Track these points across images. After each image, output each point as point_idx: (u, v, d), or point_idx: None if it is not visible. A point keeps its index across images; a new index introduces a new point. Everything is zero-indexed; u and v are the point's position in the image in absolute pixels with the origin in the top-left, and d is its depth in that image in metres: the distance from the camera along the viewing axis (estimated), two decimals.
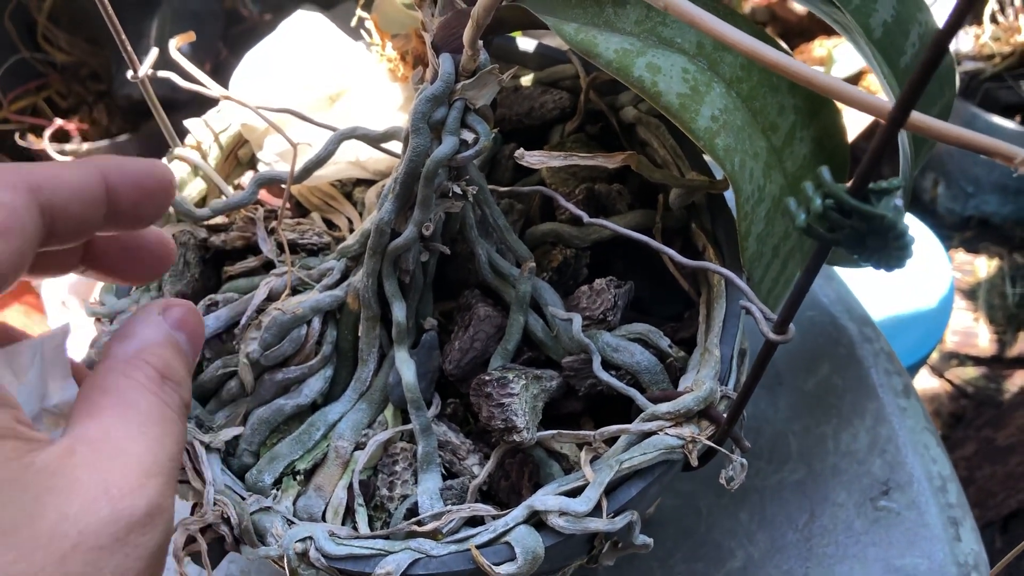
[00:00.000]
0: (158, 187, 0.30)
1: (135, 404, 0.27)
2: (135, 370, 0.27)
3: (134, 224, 0.31)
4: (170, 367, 0.28)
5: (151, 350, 0.28)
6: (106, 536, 0.23)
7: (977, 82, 1.34)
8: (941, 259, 1.08)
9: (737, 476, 0.40)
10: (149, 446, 0.26)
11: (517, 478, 0.43)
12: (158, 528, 0.24)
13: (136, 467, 0.25)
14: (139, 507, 0.24)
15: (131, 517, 0.23)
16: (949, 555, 0.55)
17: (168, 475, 0.26)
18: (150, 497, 0.24)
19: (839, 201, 0.26)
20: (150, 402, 0.27)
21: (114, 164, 0.29)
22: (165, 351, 0.29)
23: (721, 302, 0.43)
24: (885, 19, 0.44)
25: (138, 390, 0.27)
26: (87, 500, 0.23)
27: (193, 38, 0.52)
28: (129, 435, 0.25)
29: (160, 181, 0.31)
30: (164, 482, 0.25)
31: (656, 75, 0.39)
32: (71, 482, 0.23)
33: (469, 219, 0.44)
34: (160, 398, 0.27)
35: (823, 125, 0.46)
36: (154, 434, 0.26)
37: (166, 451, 0.26)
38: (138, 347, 0.28)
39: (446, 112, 0.40)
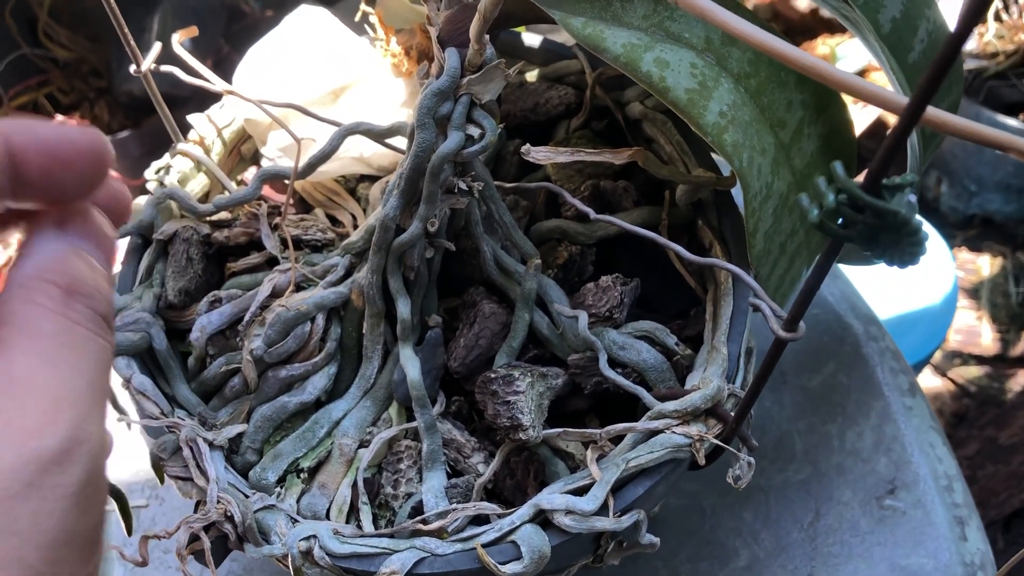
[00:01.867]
0: (78, 155, 0.26)
1: (39, 330, 0.24)
2: (35, 292, 0.24)
3: (56, 195, 0.26)
4: (76, 280, 0.25)
5: (51, 267, 0.25)
6: (16, 482, 0.21)
7: (981, 80, 1.33)
8: (945, 258, 1.08)
9: (744, 475, 0.40)
10: (60, 375, 0.23)
11: (523, 476, 0.42)
12: (77, 463, 0.22)
13: (43, 401, 0.23)
14: (49, 446, 0.22)
15: (41, 457, 0.22)
16: (955, 554, 0.55)
17: (87, 402, 0.23)
18: (62, 432, 0.22)
19: (853, 197, 0.25)
20: (57, 324, 0.24)
21: (22, 127, 0.26)
22: (67, 264, 0.26)
23: (728, 299, 0.43)
24: (894, 15, 0.43)
25: (41, 314, 0.24)
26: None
27: (196, 33, 0.52)
28: (34, 366, 0.23)
29: (80, 149, 0.26)
30: (81, 412, 0.23)
31: (664, 70, 0.38)
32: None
33: (474, 215, 0.44)
34: (68, 317, 0.24)
35: (830, 121, 0.46)
36: (66, 360, 0.24)
37: (83, 376, 0.24)
38: (36, 266, 0.25)
39: (452, 107, 0.39)
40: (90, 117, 1.33)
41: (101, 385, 0.24)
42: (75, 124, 0.27)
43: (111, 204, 0.29)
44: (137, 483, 0.64)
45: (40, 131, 0.25)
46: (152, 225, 0.47)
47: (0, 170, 0.25)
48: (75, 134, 0.26)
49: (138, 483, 0.64)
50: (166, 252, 0.47)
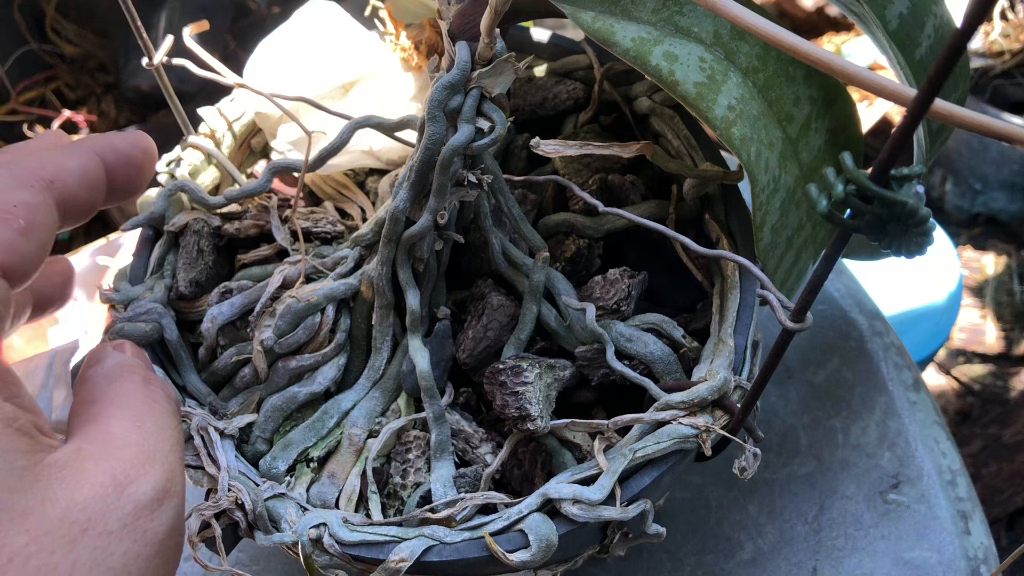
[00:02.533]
0: (145, 158, 0.33)
1: (127, 403, 0.28)
2: (119, 379, 0.29)
3: (126, 195, 0.33)
4: (150, 374, 0.30)
5: (127, 364, 0.31)
6: (114, 521, 0.23)
7: (987, 79, 1.33)
8: (950, 256, 1.08)
9: (750, 466, 0.40)
10: (146, 437, 0.26)
11: (530, 467, 0.43)
12: (167, 513, 0.25)
13: (139, 455, 0.25)
14: (145, 492, 0.24)
15: (138, 502, 0.24)
16: (959, 548, 0.55)
17: (171, 462, 0.26)
18: (155, 481, 0.25)
19: (861, 187, 0.26)
20: (140, 399, 0.28)
21: (106, 143, 0.31)
22: (140, 365, 0.31)
23: (735, 292, 0.43)
24: (901, 11, 0.44)
25: (128, 390, 0.28)
26: (95, 487, 0.24)
27: (207, 27, 0.52)
28: (127, 430, 0.26)
29: (146, 151, 0.33)
30: (168, 468, 0.26)
31: (673, 64, 0.39)
32: (79, 472, 0.24)
33: (483, 208, 0.44)
34: (148, 396, 0.29)
35: (838, 116, 0.46)
36: (150, 426, 0.27)
37: (165, 440, 0.27)
38: (114, 363, 0.31)
39: (462, 100, 0.40)
40: (97, 112, 1.33)
41: (180, 452, 0.28)
42: (129, 135, 0.33)
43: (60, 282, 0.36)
44: None
45: (117, 143, 0.32)
46: (163, 217, 0.48)
47: (102, 187, 0.31)
48: (139, 139, 0.33)
49: None
50: (177, 244, 0.48)
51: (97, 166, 0.30)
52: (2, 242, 0.26)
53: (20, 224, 0.26)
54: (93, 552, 0.22)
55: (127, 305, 0.45)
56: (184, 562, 0.59)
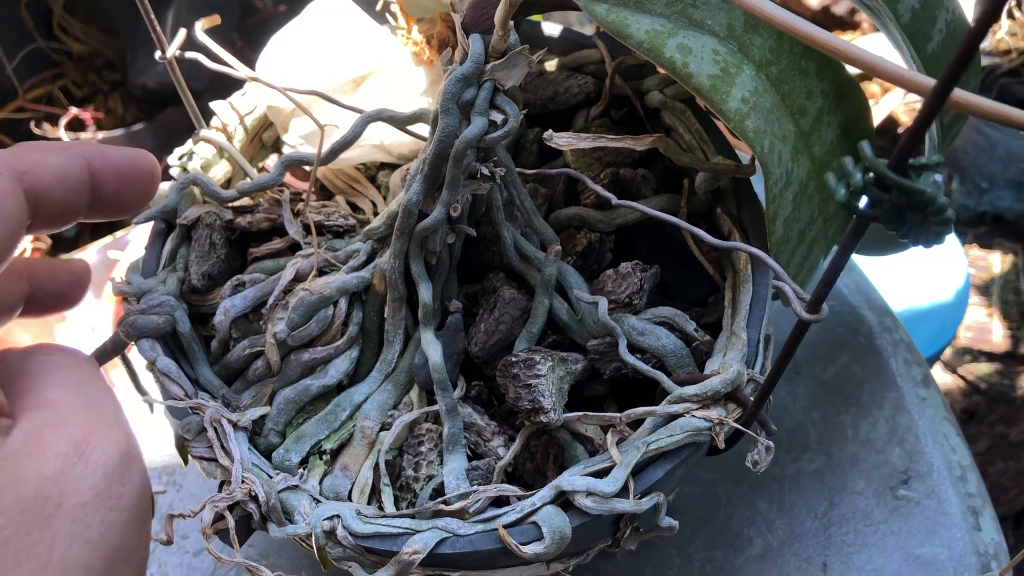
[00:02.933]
0: (140, 176, 0.31)
1: (52, 370, 0.27)
2: (35, 351, 0.28)
3: (117, 212, 0.31)
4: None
5: (54, 346, 0.29)
6: (87, 491, 0.23)
7: (994, 77, 1.33)
8: (957, 253, 1.08)
9: (763, 459, 0.40)
10: (90, 400, 0.26)
11: (542, 460, 0.43)
12: (134, 476, 0.24)
13: (92, 419, 0.24)
14: (111, 456, 0.24)
15: (106, 467, 0.23)
16: (969, 544, 0.55)
17: (124, 424, 0.25)
18: (118, 444, 0.24)
19: (880, 175, 0.26)
20: (63, 364, 0.27)
21: (97, 151, 0.30)
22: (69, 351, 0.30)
23: (748, 286, 0.44)
24: (913, 5, 0.44)
25: (46, 360, 0.27)
26: (61, 458, 0.23)
27: (218, 21, 0.52)
28: (67, 394, 0.26)
29: (143, 171, 0.31)
30: (125, 430, 0.25)
31: (687, 56, 0.39)
32: (41, 444, 0.23)
33: (496, 201, 0.44)
34: (65, 361, 0.28)
35: (850, 110, 0.46)
36: (88, 389, 0.26)
37: (107, 402, 0.26)
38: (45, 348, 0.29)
39: (475, 92, 0.40)
40: (104, 110, 1.34)
41: (125, 419, 0.26)
42: (129, 151, 0.32)
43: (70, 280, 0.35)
44: (155, 469, 0.65)
45: (111, 154, 0.30)
46: (176, 210, 0.48)
47: (83, 191, 0.29)
48: (139, 156, 0.31)
49: (156, 469, 0.65)
50: (189, 237, 0.48)
51: (80, 168, 0.29)
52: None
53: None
54: (71, 526, 0.22)
55: (140, 298, 0.45)
56: (195, 556, 0.59)
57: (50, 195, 0.28)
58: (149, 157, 0.32)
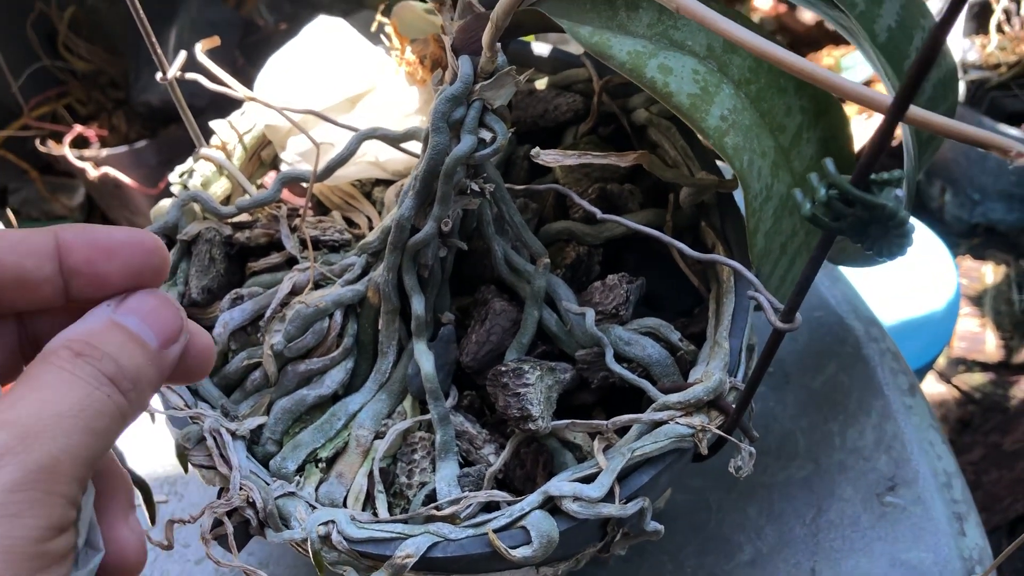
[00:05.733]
0: (121, 246, 0.29)
1: (35, 377, 0.26)
2: (51, 355, 0.27)
3: (101, 288, 0.29)
4: (89, 345, 0.27)
5: (73, 336, 0.28)
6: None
7: (983, 91, 1.35)
8: (948, 265, 1.09)
9: (746, 465, 0.41)
10: (24, 406, 0.25)
11: (532, 467, 0.44)
12: (3, 470, 0.24)
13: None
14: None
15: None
16: (954, 549, 0.56)
17: (41, 427, 0.25)
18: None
19: (842, 191, 0.27)
20: (51, 375, 0.26)
21: (72, 226, 0.29)
22: (90, 334, 0.28)
23: (730, 297, 0.45)
24: (889, 24, 0.45)
25: (45, 368, 0.26)
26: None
27: (218, 43, 0.54)
28: (11, 401, 0.25)
29: (123, 241, 0.29)
30: (24, 431, 0.24)
31: (668, 76, 0.40)
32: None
33: (486, 216, 0.46)
34: (65, 370, 0.26)
35: (829, 126, 0.47)
36: (37, 397, 0.26)
37: (48, 407, 0.25)
38: (64, 336, 0.28)
39: (465, 112, 0.41)
40: (108, 127, 1.35)
41: (75, 422, 0.26)
42: (116, 228, 0.30)
43: (199, 353, 0.31)
44: (157, 480, 0.66)
45: (87, 229, 0.29)
46: (176, 226, 0.49)
47: (48, 257, 0.28)
48: (120, 231, 0.29)
49: (157, 480, 0.66)
50: (190, 252, 0.49)
51: (43, 237, 0.28)
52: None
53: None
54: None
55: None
56: (196, 564, 0.60)
57: (2, 260, 0.27)
58: (137, 231, 0.30)
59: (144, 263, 0.29)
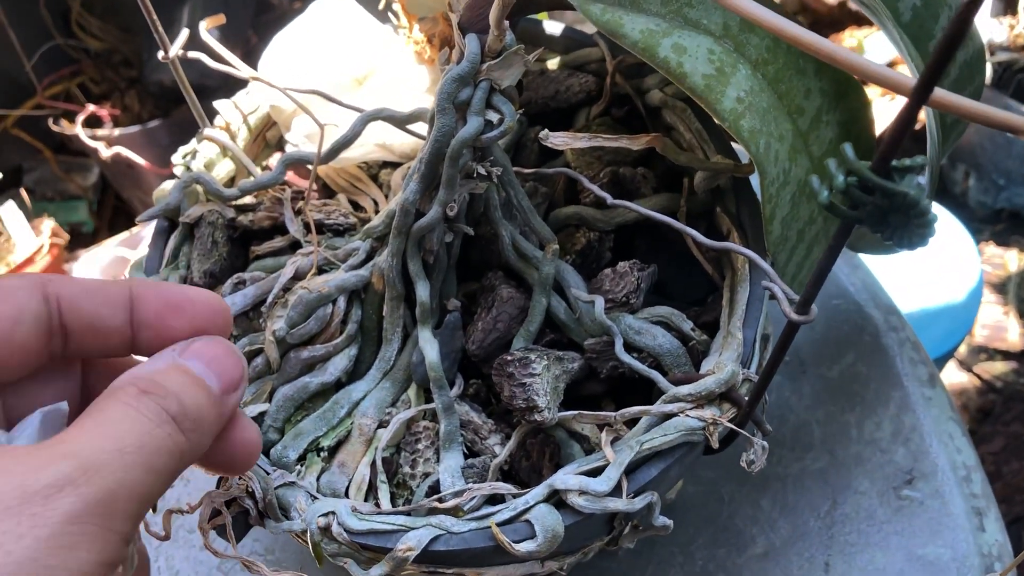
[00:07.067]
0: (191, 304, 0.31)
1: (101, 412, 0.27)
2: (118, 391, 0.28)
3: (168, 342, 0.31)
4: (155, 383, 0.28)
5: (140, 375, 0.29)
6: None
7: (1011, 73, 1.31)
8: (970, 252, 1.07)
9: (758, 459, 0.40)
10: (88, 438, 0.26)
11: (538, 458, 0.43)
12: (66, 500, 0.24)
13: (55, 453, 0.25)
14: (38, 480, 0.24)
15: (26, 488, 0.24)
16: (973, 545, 0.55)
17: (102, 461, 0.25)
18: (56, 472, 0.24)
19: (862, 178, 0.26)
20: (116, 409, 0.27)
21: (147, 282, 0.31)
22: (157, 373, 0.29)
23: (745, 285, 0.43)
24: (915, 3, 0.43)
25: (112, 406, 0.27)
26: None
27: (223, 21, 0.52)
28: (76, 433, 0.26)
29: (192, 299, 0.31)
30: (86, 463, 0.25)
31: (682, 56, 0.39)
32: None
33: (493, 200, 0.44)
34: (130, 406, 0.27)
35: (849, 109, 0.46)
36: (101, 430, 0.26)
37: (111, 442, 0.26)
38: (132, 374, 0.29)
39: (471, 92, 0.40)
40: (120, 107, 1.35)
41: (135, 458, 0.26)
42: (190, 288, 0.32)
43: (243, 445, 0.32)
44: None
45: (161, 286, 0.31)
46: (179, 209, 0.48)
47: (122, 308, 0.30)
48: (190, 290, 0.32)
49: None
50: (192, 235, 0.48)
51: (119, 288, 0.30)
52: None
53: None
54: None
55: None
56: (201, 550, 0.60)
57: (75, 303, 0.29)
58: (208, 293, 0.32)
59: (211, 322, 0.31)
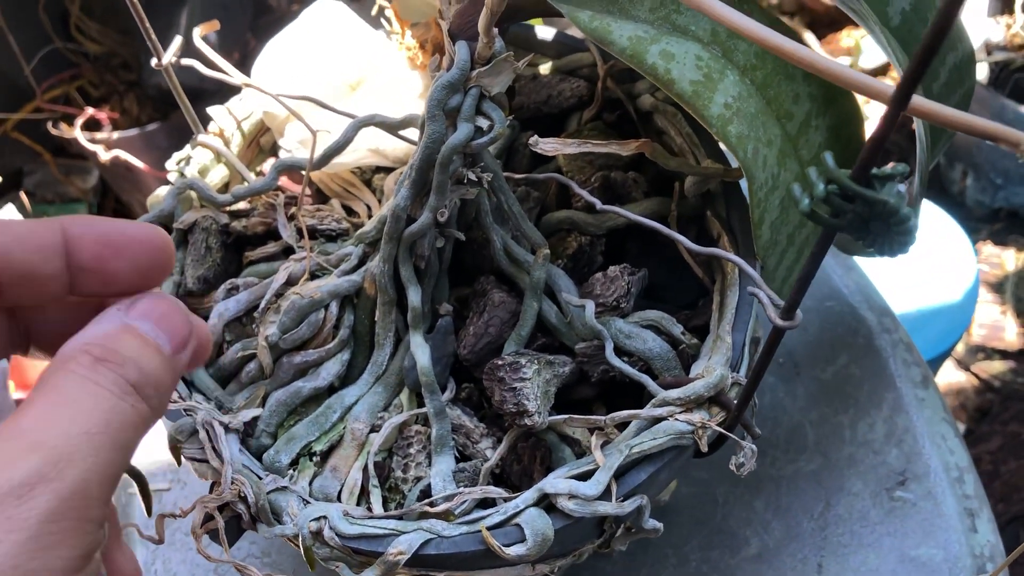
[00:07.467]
0: (130, 242, 0.28)
1: (57, 389, 0.25)
2: (70, 361, 0.26)
3: (109, 285, 0.29)
4: (109, 350, 0.27)
5: (92, 340, 0.27)
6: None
7: (1008, 72, 1.31)
8: (966, 251, 1.07)
9: (748, 463, 0.40)
10: (52, 423, 0.24)
11: (529, 462, 0.43)
12: (39, 498, 0.23)
13: (23, 444, 0.24)
14: (9, 479, 0.23)
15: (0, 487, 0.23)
16: (965, 546, 0.55)
17: (73, 448, 0.24)
18: (27, 468, 0.23)
19: (841, 186, 0.26)
20: (72, 383, 0.26)
21: (81, 218, 0.28)
22: (108, 338, 0.27)
23: (734, 289, 0.44)
24: (903, 7, 0.44)
25: (66, 377, 0.26)
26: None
27: (217, 27, 0.53)
28: (36, 418, 0.24)
29: (132, 237, 0.29)
30: (60, 454, 0.24)
31: (669, 62, 0.39)
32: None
33: (484, 206, 0.45)
34: (88, 378, 0.26)
35: (839, 113, 0.46)
36: (64, 411, 0.25)
37: (76, 425, 0.25)
38: (82, 339, 0.27)
39: (461, 99, 0.40)
40: (120, 110, 1.35)
41: (103, 438, 0.25)
42: (122, 221, 0.29)
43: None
44: (160, 467, 0.66)
45: (95, 223, 0.28)
46: (172, 215, 0.49)
47: (56, 254, 0.27)
48: (127, 226, 0.29)
49: (160, 467, 0.66)
50: (186, 241, 0.49)
51: (51, 231, 0.27)
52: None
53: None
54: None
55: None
56: (198, 553, 0.60)
57: (7, 255, 0.27)
58: (147, 226, 0.29)
59: (153, 260, 0.29)
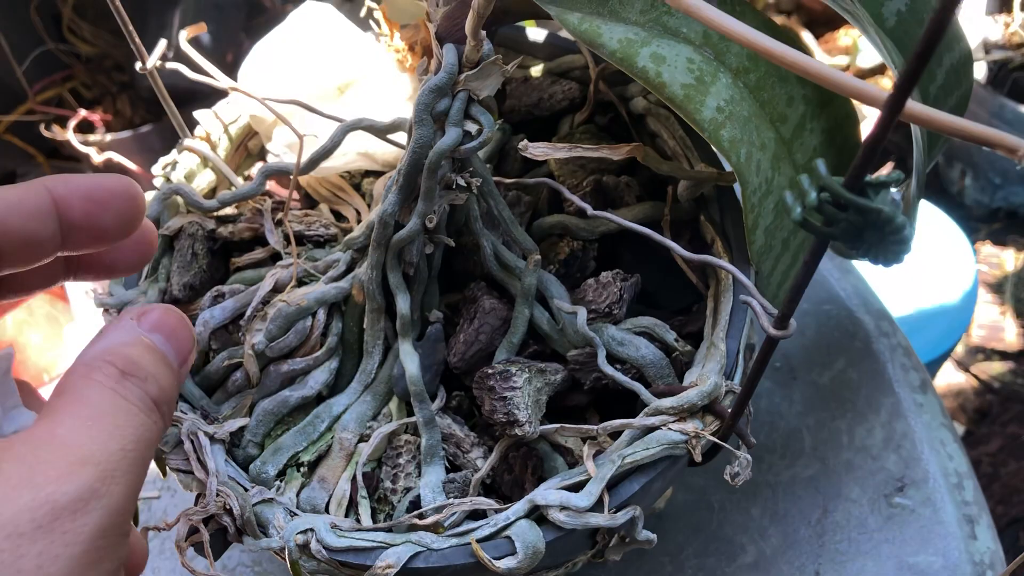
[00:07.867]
0: (113, 196, 0.30)
1: (88, 400, 0.26)
2: (94, 370, 0.27)
3: (101, 238, 0.30)
4: (133, 363, 0.28)
5: (114, 350, 0.28)
6: (26, 522, 0.22)
7: (1006, 71, 1.31)
8: (965, 252, 1.06)
9: (743, 472, 0.40)
10: (93, 437, 0.25)
11: (520, 472, 0.42)
12: (92, 513, 0.24)
13: (70, 457, 0.24)
14: (66, 492, 0.23)
15: (56, 503, 0.23)
16: (964, 553, 0.54)
17: (115, 464, 0.25)
18: (80, 483, 0.24)
19: (834, 194, 0.25)
20: (103, 396, 0.26)
21: (60, 179, 0.29)
22: (130, 350, 0.28)
23: (728, 296, 0.43)
24: (899, 8, 0.43)
25: (94, 387, 0.27)
26: (8, 488, 0.23)
27: (204, 29, 0.52)
28: (74, 428, 0.25)
29: (114, 190, 0.30)
30: (106, 470, 0.24)
31: (660, 65, 0.38)
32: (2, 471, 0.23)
33: (474, 211, 0.44)
34: (117, 392, 0.27)
35: (834, 116, 0.45)
36: (102, 426, 0.26)
37: (116, 442, 0.25)
38: (103, 348, 0.28)
39: (449, 103, 0.39)
40: (113, 112, 1.34)
41: (135, 455, 0.26)
42: (97, 176, 0.31)
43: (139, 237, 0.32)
44: (149, 476, 0.65)
45: (75, 180, 0.29)
46: (158, 220, 0.48)
47: (50, 216, 0.28)
48: (107, 179, 0.30)
49: (150, 476, 0.65)
50: (172, 247, 0.48)
51: (38, 194, 0.28)
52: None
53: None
54: (1, 555, 0.22)
55: (120, 309, 0.45)
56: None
57: (5, 224, 0.27)
58: (123, 178, 0.31)
59: (133, 210, 0.30)
